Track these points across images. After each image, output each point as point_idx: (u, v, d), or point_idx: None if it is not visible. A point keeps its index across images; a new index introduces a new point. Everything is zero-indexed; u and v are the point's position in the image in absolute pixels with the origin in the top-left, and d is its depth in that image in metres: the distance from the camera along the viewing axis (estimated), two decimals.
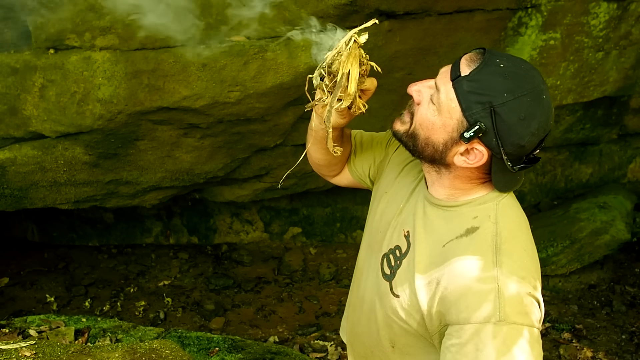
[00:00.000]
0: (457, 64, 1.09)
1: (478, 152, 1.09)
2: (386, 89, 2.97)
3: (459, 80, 1.06)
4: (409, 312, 1.15)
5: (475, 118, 1.05)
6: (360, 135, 1.56)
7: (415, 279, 1.14)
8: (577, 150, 4.67)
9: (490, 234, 1.09)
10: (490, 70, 1.05)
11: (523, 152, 1.08)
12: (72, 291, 4.03)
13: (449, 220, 1.16)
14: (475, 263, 1.06)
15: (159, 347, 1.93)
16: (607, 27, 3.34)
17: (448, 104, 1.08)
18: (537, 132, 1.06)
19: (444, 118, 1.09)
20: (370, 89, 1.21)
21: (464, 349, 1.02)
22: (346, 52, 1.13)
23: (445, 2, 2.75)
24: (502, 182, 1.13)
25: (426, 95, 1.14)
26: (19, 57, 2.39)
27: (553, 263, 3.98)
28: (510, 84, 1.03)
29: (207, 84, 2.52)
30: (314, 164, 1.56)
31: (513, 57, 1.10)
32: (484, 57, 1.06)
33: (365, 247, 1.41)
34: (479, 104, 1.04)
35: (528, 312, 1.02)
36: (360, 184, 1.57)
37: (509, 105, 1.03)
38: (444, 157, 1.13)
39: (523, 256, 1.09)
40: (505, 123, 1.03)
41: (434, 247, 1.15)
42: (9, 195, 2.92)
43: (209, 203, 4.43)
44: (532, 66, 1.10)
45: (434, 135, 1.12)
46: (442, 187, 1.19)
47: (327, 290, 4.15)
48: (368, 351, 1.34)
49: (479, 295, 1.03)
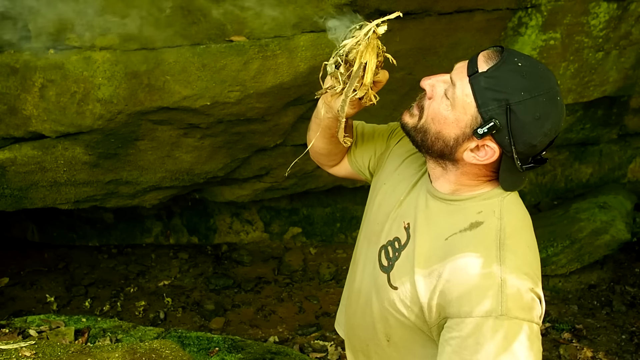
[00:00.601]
0: (475, 60, 1.09)
1: (489, 149, 1.09)
2: (386, 89, 2.96)
3: (476, 76, 1.06)
4: (407, 304, 1.15)
5: (491, 115, 1.05)
6: (362, 127, 1.55)
7: (415, 271, 1.14)
8: (577, 150, 4.67)
9: (495, 229, 1.10)
10: (509, 68, 1.05)
11: (533, 152, 1.08)
12: (72, 291, 4.02)
13: (452, 214, 1.16)
14: (478, 257, 1.07)
15: (159, 347, 1.93)
16: (607, 27, 3.34)
17: (463, 99, 1.07)
18: (549, 132, 1.06)
19: (458, 113, 1.09)
20: (382, 81, 1.21)
21: (464, 342, 1.02)
22: (365, 42, 1.12)
23: (445, 2, 2.75)
24: (508, 181, 1.13)
25: (440, 90, 1.14)
26: (19, 57, 2.39)
27: (553, 263, 3.97)
28: (527, 83, 1.04)
29: (207, 84, 2.52)
30: (314, 153, 1.55)
31: (530, 57, 1.10)
32: (503, 55, 1.06)
33: (362, 238, 1.41)
34: (495, 101, 1.04)
35: (530, 308, 1.02)
36: (358, 175, 1.56)
37: (526, 104, 1.03)
38: (453, 152, 1.12)
39: (526, 252, 1.09)
40: (520, 121, 1.04)
41: (435, 239, 1.15)
42: (9, 195, 2.92)
43: (209, 203, 4.43)
44: (547, 67, 1.11)
45: (445, 130, 1.12)
46: (448, 182, 1.18)
47: (327, 290, 4.15)
48: (364, 344, 1.34)
49: (481, 289, 1.03)
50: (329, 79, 1.22)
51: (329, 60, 1.20)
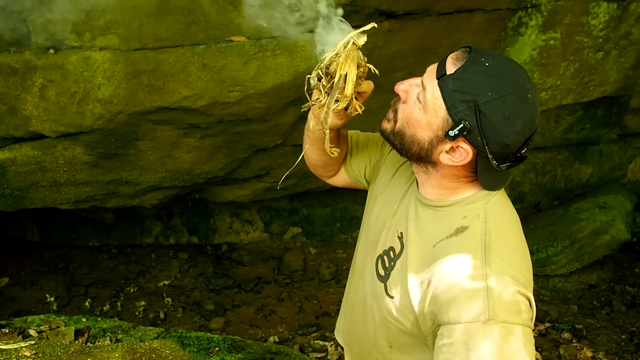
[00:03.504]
0: (443, 62, 1.09)
1: (463, 151, 1.09)
2: (386, 89, 2.96)
3: (444, 79, 1.06)
4: (403, 313, 1.16)
5: (460, 116, 1.05)
6: (357, 136, 1.56)
7: (408, 280, 1.14)
8: (577, 150, 4.67)
9: (480, 233, 1.10)
10: (475, 69, 1.05)
11: (508, 150, 1.08)
12: (72, 291, 4.02)
13: (439, 221, 1.16)
14: (464, 262, 1.07)
15: (159, 347, 1.92)
16: (607, 27, 3.34)
17: (434, 102, 1.08)
18: (522, 131, 1.06)
19: (430, 116, 1.09)
20: (366, 91, 1.22)
21: (454, 348, 1.02)
22: (344, 54, 1.13)
23: (445, 2, 2.75)
24: (488, 181, 1.13)
25: (413, 93, 1.14)
26: (19, 57, 2.39)
27: (553, 263, 3.98)
28: (494, 82, 1.03)
29: (207, 84, 2.52)
30: (310, 165, 1.56)
31: (499, 56, 1.10)
32: (470, 56, 1.07)
33: (361, 247, 1.42)
34: (464, 103, 1.04)
35: (518, 311, 1.02)
36: (356, 184, 1.57)
37: (493, 104, 1.03)
38: (429, 155, 1.13)
39: (513, 255, 1.08)
40: (489, 122, 1.03)
41: (425, 247, 1.15)
42: (9, 195, 2.92)
43: (209, 203, 4.43)
44: (519, 65, 1.10)
45: (419, 133, 1.12)
46: (431, 187, 1.19)
47: (327, 290, 4.15)
48: (365, 351, 1.34)
49: (468, 294, 1.03)
50: (315, 91, 1.23)
51: (312, 73, 1.21)
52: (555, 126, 4.18)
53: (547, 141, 4.33)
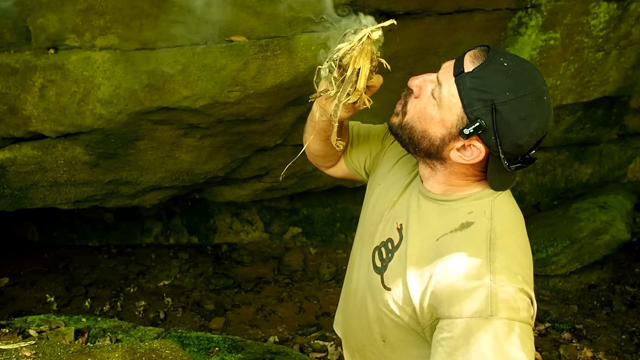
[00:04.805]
0: (461, 59, 1.09)
1: (475, 149, 1.09)
2: (386, 89, 2.96)
3: (462, 76, 1.06)
4: (401, 305, 1.15)
5: (476, 115, 1.05)
6: (358, 127, 1.56)
7: (407, 271, 1.14)
8: (577, 150, 4.67)
9: (485, 229, 1.10)
10: (494, 68, 1.05)
11: (520, 151, 1.08)
12: (72, 291, 4.02)
13: (443, 214, 1.16)
14: (468, 258, 1.07)
15: (159, 347, 1.93)
16: (607, 27, 3.34)
17: (449, 99, 1.08)
18: (535, 132, 1.06)
19: (444, 113, 1.09)
20: (376, 85, 1.22)
21: (455, 342, 1.02)
22: (359, 48, 1.12)
23: (445, 2, 2.75)
24: (497, 181, 1.13)
25: (427, 89, 1.14)
26: (19, 57, 2.39)
27: (553, 263, 3.98)
28: (513, 83, 1.04)
29: (207, 84, 2.52)
30: (310, 155, 1.56)
31: (516, 56, 1.10)
32: (489, 55, 1.07)
33: (358, 239, 1.41)
34: (481, 101, 1.04)
35: (520, 308, 1.02)
36: (355, 175, 1.57)
37: (511, 104, 1.03)
38: (440, 151, 1.13)
39: (517, 252, 1.09)
40: (505, 122, 1.04)
41: (427, 240, 1.15)
42: (9, 195, 2.92)
43: (209, 203, 4.43)
44: (534, 67, 1.11)
45: (431, 129, 1.12)
46: (437, 182, 1.19)
47: (327, 290, 4.15)
48: (360, 345, 1.35)
49: (471, 289, 1.03)
50: (323, 82, 1.23)
51: (323, 64, 1.20)
52: (555, 126, 4.18)
53: (547, 141, 4.34)
